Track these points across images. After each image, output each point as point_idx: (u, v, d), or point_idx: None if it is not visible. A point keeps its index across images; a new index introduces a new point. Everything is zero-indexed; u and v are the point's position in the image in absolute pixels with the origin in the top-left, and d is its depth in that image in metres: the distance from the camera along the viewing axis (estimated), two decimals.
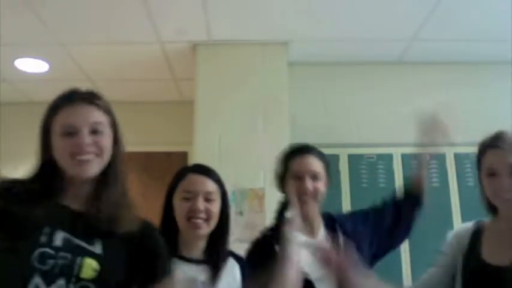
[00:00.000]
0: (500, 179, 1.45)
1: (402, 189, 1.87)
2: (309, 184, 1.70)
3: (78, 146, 1.20)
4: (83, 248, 1.17)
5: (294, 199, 1.68)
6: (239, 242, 1.81)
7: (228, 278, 1.55)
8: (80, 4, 2.94)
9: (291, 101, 3.42)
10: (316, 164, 1.74)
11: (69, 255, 1.14)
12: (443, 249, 1.64)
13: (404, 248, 3.25)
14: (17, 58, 3.63)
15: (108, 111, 1.28)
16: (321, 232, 1.74)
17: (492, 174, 1.47)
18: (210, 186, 1.59)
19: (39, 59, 3.65)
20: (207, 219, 1.55)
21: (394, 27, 3.26)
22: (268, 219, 3.07)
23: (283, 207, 1.73)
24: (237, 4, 3.00)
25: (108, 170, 1.26)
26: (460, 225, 1.67)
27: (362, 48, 3.56)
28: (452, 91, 3.65)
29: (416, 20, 3.17)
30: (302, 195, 1.69)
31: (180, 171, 1.65)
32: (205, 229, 1.55)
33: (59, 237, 1.15)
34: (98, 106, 1.26)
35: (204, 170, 1.64)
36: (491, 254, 1.48)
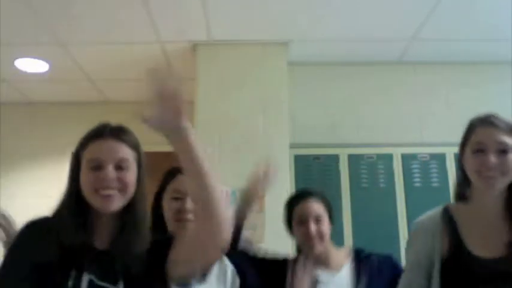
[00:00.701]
0: (487, 155, 1.40)
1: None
2: (313, 228, 1.78)
3: (102, 181, 1.22)
4: None
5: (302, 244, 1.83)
6: None
7: (217, 276, 1.56)
8: (80, 4, 2.94)
9: (291, 101, 3.43)
10: (317, 207, 1.82)
11: None
12: (412, 245, 1.56)
13: (405, 248, 3.25)
14: (17, 58, 3.63)
15: (135, 148, 1.30)
16: (346, 267, 1.81)
17: (479, 150, 1.42)
18: None
19: (39, 59, 3.65)
20: None
21: (394, 27, 3.26)
22: (268, 219, 3.09)
23: (298, 250, 1.88)
24: (237, 4, 3.00)
25: (132, 207, 1.27)
26: (422, 216, 1.58)
27: (362, 48, 3.56)
28: (452, 91, 3.66)
29: (416, 20, 3.17)
30: (308, 240, 1.79)
31: (170, 171, 1.66)
32: None
33: (85, 281, 1.18)
34: (126, 142, 1.28)
35: None
36: (479, 246, 1.43)
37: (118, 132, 1.29)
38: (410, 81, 3.70)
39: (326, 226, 1.81)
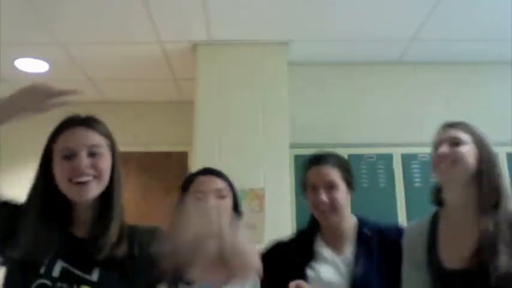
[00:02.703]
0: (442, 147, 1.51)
1: None
2: (323, 196, 1.64)
3: (76, 169, 1.21)
4: (79, 277, 1.18)
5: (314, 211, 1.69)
6: None
7: None
8: (80, 4, 2.94)
9: (291, 101, 3.43)
10: (330, 173, 1.67)
11: (65, 286, 1.16)
12: (404, 256, 1.54)
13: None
14: (17, 58, 3.63)
15: (106, 135, 1.29)
16: (349, 244, 1.67)
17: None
18: (220, 183, 1.63)
19: (39, 59, 3.65)
20: None
21: (394, 27, 3.26)
22: (268, 219, 3.10)
23: (311, 219, 1.74)
24: (237, 4, 3.00)
25: (108, 194, 1.26)
26: (411, 224, 1.57)
27: (362, 48, 3.56)
28: (452, 91, 3.66)
29: (416, 20, 3.17)
30: (318, 210, 1.66)
31: (189, 177, 1.69)
32: None
33: (58, 268, 1.17)
34: (96, 129, 1.27)
35: (212, 171, 1.68)
36: (447, 256, 1.42)
37: (87, 121, 1.29)
38: (410, 81, 3.69)
39: (341, 194, 1.65)
